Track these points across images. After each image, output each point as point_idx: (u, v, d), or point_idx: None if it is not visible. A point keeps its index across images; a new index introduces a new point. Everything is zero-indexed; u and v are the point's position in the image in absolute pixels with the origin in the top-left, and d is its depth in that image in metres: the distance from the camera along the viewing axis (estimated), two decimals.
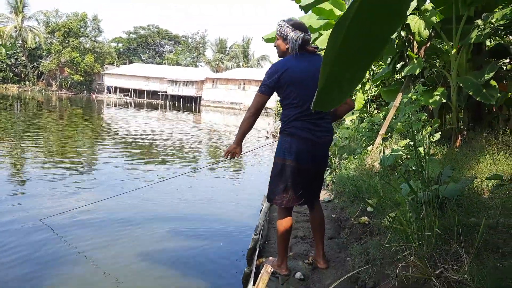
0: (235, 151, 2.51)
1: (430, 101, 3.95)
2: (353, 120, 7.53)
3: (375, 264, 2.29)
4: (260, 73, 42.97)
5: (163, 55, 63.01)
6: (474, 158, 3.34)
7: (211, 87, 44.01)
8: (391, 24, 0.70)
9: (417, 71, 4.23)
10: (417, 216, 2.28)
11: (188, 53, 60.47)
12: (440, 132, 3.81)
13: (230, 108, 40.67)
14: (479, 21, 3.81)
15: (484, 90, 3.66)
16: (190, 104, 44.22)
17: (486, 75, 3.71)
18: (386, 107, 7.48)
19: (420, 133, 3.69)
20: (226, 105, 41.77)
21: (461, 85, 3.95)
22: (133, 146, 10.93)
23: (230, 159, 2.53)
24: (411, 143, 3.53)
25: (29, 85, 46.97)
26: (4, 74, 46.16)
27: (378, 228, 2.80)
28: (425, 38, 4.35)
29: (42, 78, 48.95)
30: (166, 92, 45.83)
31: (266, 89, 2.39)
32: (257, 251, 2.94)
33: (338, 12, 5.34)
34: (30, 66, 47.52)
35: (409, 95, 3.55)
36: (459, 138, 4.19)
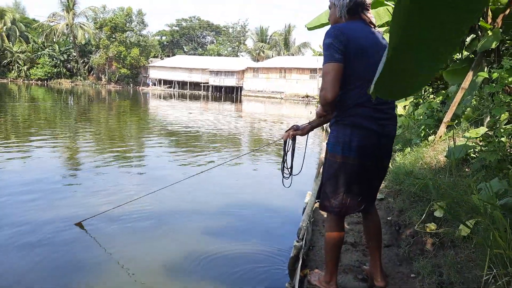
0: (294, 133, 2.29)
1: (511, 79, 3.23)
2: (406, 107, 6.78)
3: None
4: (301, 61, 41.86)
5: (205, 46, 63.58)
6: None
7: (251, 77, 43.65)
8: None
9: (493, 45, 3.50)
10: None
11: (229, 43, 60.42)
12: None
13: (271, 98, 40.15)
14: None
15: None
16: (231, 94, 44.21)
17: None
18: (444, 91, 6.63)
19: (498, 120, 3.02)
20: (267, 95, 41.26)
21: None
22: (178, 136, 10.92)
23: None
24: (490, 132, 2.89)
25: (80, 80, 49.43)
26: (58, 70, 48.93)
27: (451, 239, 2.25)
28: (503, 3, 3.58)
29: (92, 72, 51.31)
30: (208, 83, 46.15)
31: (339, 56, 1.75)
32: (300, 261, 2.50)
33: None
34: (81, 61, 49.93)
35: (485, 72, 2.89)
36: None
